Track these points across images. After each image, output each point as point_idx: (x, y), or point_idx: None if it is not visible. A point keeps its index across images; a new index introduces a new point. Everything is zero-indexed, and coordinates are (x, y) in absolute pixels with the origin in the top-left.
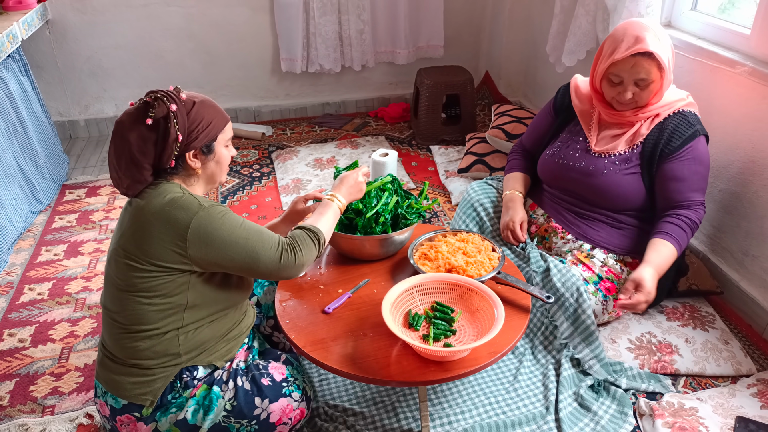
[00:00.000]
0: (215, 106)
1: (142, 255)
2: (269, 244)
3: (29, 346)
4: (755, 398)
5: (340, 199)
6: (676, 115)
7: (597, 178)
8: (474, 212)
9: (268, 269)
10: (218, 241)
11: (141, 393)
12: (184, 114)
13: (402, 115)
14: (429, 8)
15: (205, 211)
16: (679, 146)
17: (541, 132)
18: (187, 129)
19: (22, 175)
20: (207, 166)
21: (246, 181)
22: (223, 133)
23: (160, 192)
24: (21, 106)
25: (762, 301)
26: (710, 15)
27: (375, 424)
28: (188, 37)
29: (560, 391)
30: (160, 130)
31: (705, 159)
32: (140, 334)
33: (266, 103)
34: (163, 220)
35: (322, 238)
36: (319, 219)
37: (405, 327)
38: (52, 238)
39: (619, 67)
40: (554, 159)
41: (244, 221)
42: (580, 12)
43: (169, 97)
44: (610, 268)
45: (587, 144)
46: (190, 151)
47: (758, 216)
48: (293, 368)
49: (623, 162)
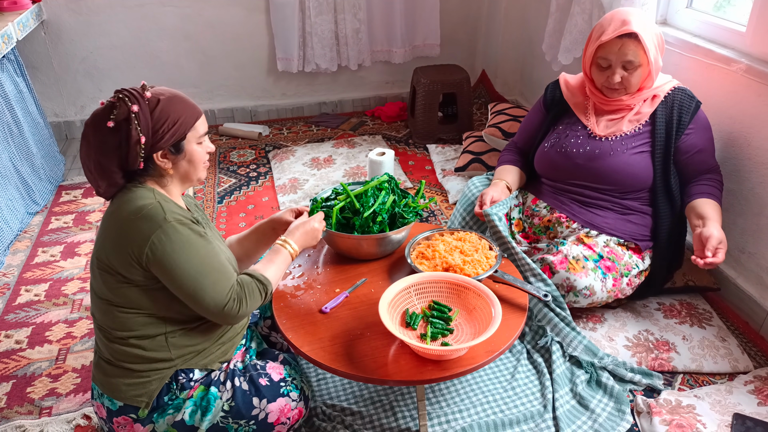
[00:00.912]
0: (184, 102)
1: (111, 266)
2: (221, 287)
3: (26, 348)
4: (752, 395)
5: (292, 245)
6: (675, 90)
7: (604, 160)
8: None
9: (208, 310)
10: (169, 264)
11: (136, 395)
12: (147, 114)
13: (399, 114)
14: (425, 7)
15: (169, 227)
16: (689, 120)
17: (533, 129)
18: (152, 129)
19: (18, 176)
20: (179, 166)
21: (243, 181)
22: (193, 130)
23: (130, 198)
24: (16, 107)
25: (759, 298)
26: (706, 12)
27: (373, 424)
28: (184, 38)
29: (555, 389)
30: (122, 133)
31: (709, 125)
32: (128, 341)
33: (263, 102)
34: (126, 229)
35: (269, 289)
36: (269, 267)
37: (402, 326)
38: (48, 239)
39: (607, 49)
40: (555, 149)
41: (209, 254)
42: (575, 10)
43: (132, 96)
44: (612, 249)
45: (588, 131)
46: (157, 151)
47: (754, 213)
48: (291, 368)
49: (630, 141)
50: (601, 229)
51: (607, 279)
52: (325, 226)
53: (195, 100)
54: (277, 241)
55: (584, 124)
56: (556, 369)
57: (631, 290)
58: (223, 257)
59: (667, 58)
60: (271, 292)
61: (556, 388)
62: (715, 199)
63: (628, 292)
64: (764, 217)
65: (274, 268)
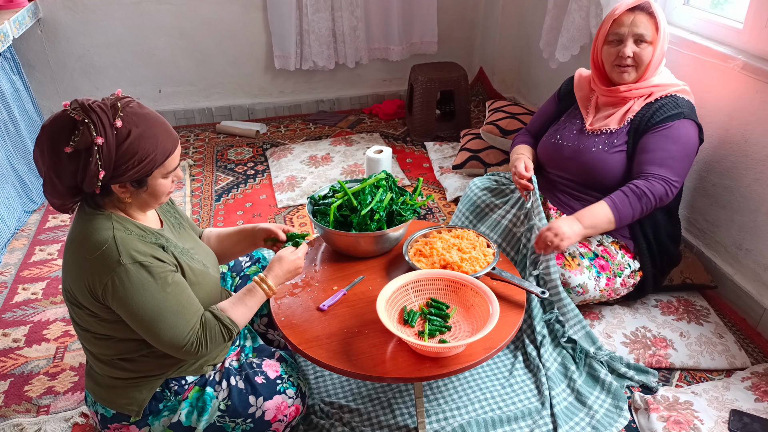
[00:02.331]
0: (159, 135)
1: (77, 300)
2: (179, 330)
3: (23, 346)
4: (749, 391)
5: (269, 284)
6: (667, 97)
7: (585, 155)
8: (477, 208)
9: (166, 348)
10: (124, 307)
11: (126, 404)
12: (112, 147)
13: (396, 112)
14: (422, 4)
15: (122, 270)
16: (658, 122)
17: (545, 117)
18: (114, 164)
19: (15, 174)
20: (138, 197)
21: (240, 179)
22: (162, 167)
23: (88, 231)
24: (13, 105)
25: (756, 294)
26: (703, 10)
27: (371, 421)
28: (180, 35)
29: (551, 387)
30: (80, 162)
31: (683, 141)
32: (112, 361)
33: (260, 100)
34: (84, 266)
35: (233, 333)
36: (238, 308)
37: (400, 323)
38: (45, 237)
39: (619, 22)
40: (550, 140)
41: (166, 297)
42: (573, 7)
43: (99, 123)
44: (606, 248)
45: (583, 125)
46: (116, 183)
47: (751, 210)
48: (287, 365)
49: (612, 139)
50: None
51: (601, 278)
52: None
53: (192, 98)
54: (254, 278)
55: (583, 117)
56: (549, 366)
57: (626, 290)
58: (185, 296)
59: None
60: (236, 334)
61: (552, 386)
62: (608, 200)
63: (623, 292)
64: (761, 214)
65: (244, 310)
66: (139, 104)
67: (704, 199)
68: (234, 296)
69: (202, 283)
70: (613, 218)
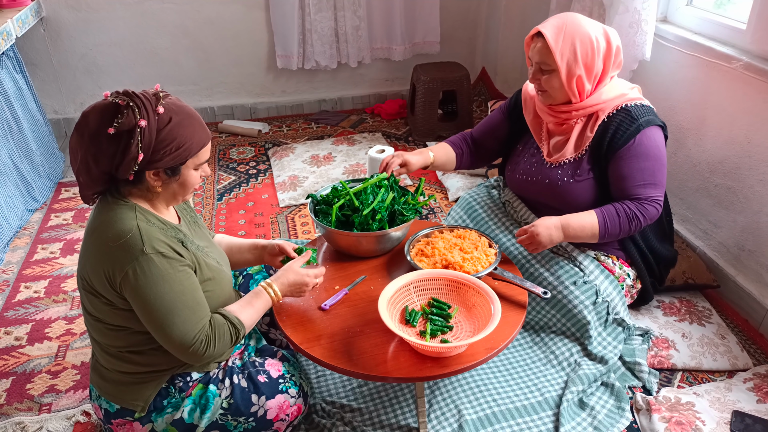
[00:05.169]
0: (195, 125)
1: (94, 287)
2: (191, 326)
3: (26, 344)
4: (752, 392)
5: (276, 291)
6: (618, 112)
7: (554, 188)
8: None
9: (173, 347)
10: (141, 296)
11: (132, 399)
12: (153, 131)
13: (398, 112)
14: (425, 4)
15: (145, 260)
16: (621, 144)
17: (492, 128)
18: (153, 148)
19: (17, 172)
20: (168, 187)
21: (242, 179)
22: (195, 157)
23: (111, 219)
24: (16, 104)
25: (758, 295)
26: (706, 10)
27: (372, 420)
28: (183, 35)
29: (568, 386)
30: (121, 144)
31: (653, 152)
32: (121, 353)
33: (262, 100)
34: (105, 254)
35: (241, 334)
36: (246, 310)
37: (402, 323)
38: (48, 236)
39: (528, 47)
40: (516, 175)
41: (185, 290)
42: (575, 8)
43: (142, 107)
44: (603, 262)
45: (541, 155)
46: (151, 170)
47: (754, 211)
48: (290, 365)
49: (574, 169)
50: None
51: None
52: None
53: (194, 98)
54: (261, 282)
55: (539, 147)
56: (582, 369)
57: (630, 299)
58: (199, 294)
59: (667, 55)
60: (243, 336)
61: (570, 385)
62: (598, 211)
63: (628, 302)
64: (764, 215)
65: (251, 311)
66: (177, 98)
67: (707, 200)
68: (241, 300)
69: (217, 278)
70: (598, 234)
